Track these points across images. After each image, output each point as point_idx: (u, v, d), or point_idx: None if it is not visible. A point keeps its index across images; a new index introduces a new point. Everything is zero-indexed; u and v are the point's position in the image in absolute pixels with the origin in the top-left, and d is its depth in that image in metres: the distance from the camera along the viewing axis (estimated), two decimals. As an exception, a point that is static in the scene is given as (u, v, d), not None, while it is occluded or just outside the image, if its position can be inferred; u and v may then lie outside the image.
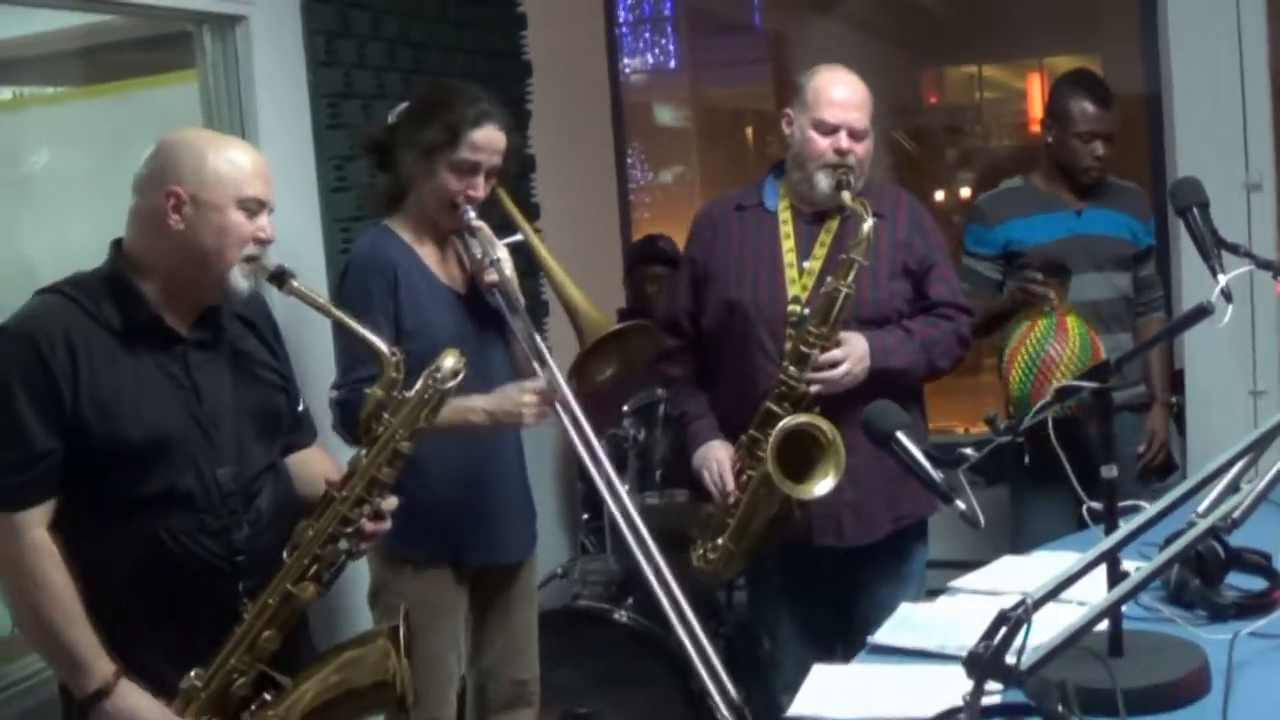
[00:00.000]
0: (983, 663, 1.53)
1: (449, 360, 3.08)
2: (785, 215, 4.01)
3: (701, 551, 4.00)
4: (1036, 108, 7.43)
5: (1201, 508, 1.65)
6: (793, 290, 3.92)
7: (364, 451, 3.01)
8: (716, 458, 3.97)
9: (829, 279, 3.80)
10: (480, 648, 3.89)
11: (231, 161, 2.93)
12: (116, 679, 2.80)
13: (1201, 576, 3.05)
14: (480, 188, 3.67)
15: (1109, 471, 2.77)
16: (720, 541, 3.96)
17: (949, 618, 3.15)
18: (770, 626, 4.17)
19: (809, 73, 4.03)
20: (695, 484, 4.14)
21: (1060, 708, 2.41)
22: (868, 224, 3.78)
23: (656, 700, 4.53)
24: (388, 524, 3.05)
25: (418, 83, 4.67)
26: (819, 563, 4.06)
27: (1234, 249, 3.30)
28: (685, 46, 7.22)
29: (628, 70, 6.72)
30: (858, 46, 7.53)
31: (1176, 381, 5.38)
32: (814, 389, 3.81)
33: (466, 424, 3.51)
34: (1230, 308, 2.90)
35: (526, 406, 3.53)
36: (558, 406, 3.60)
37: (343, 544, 2.98)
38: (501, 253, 3.68)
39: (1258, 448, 1.69)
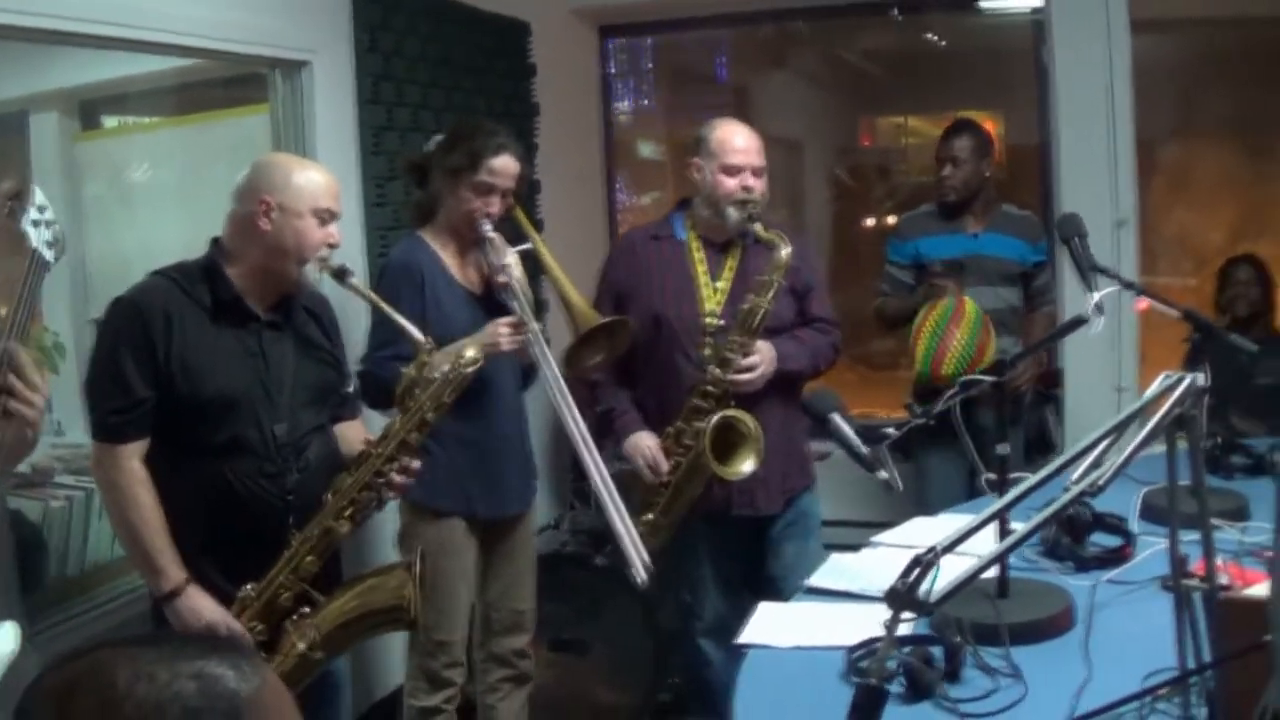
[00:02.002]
0: (900, 596, 1.60)
1: (470, 351, 3.18)
2: (696, 244, 4.03)
3: None
4: (950, 150, 7.53)
5: (1074, 477, 1.73)
6: (708, 305, 3.95)
7: (397, 420, 3.11)
8: (648, 444, 3.98)
9: (750, 296, 3.85)
10: (487, 583, 3.92)
11: (311, 180, 3.07)
12: (186, 584, 2.92)
13: (1071, 535, 3.13)
14: (496, 205, 3.69)
15: (1003, 449, 2.85)
16: (650, 516, 3.97)
17: (870, 566, 3.21)
18: (692, 582, 4.17)
19: (708, 127, 4.03)
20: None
21: (957, 637, 2.51)
22: (785, 251, 3.83)
23: (626, 629, 4.57)
24: (411, 480, 3.14)
25: (445, 119, 4.70)
26: (735, 529, 4.10)
27: (1106, 271, 3.40)
28: (662, 94, 7.25)
29: (615, 112, 6.75)
30: (806, 97, 7.60)
31: (1057, 378, 5.47)
32: (735, 388, 3.87)
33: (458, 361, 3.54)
34: (1102, 319, 3.00)
35: (502, 335, 3.55)
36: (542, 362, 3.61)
37: (373, 493, 3.08)
38: (512, 259, 3.69)
39: (1117, 431, 1.77)
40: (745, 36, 7.34)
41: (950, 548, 1.62)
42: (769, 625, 2.86)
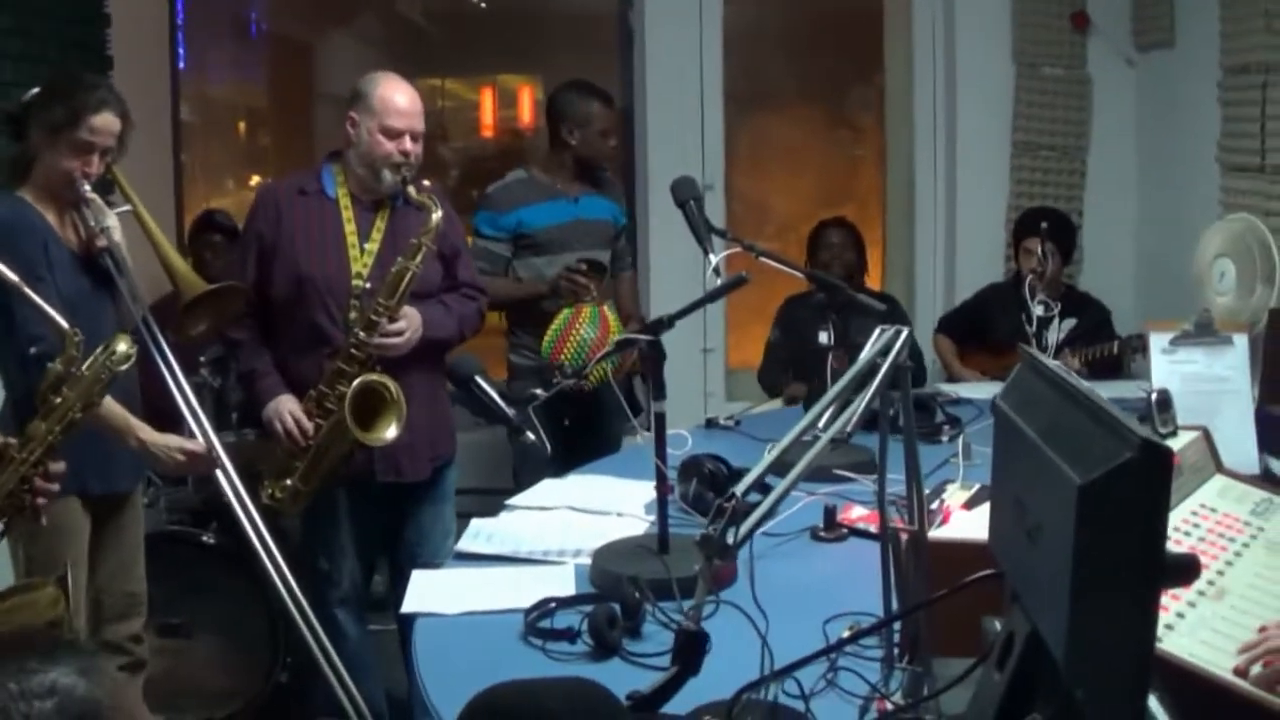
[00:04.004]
0: (714, 542, 1.64)
1: (122, 345, 2.96)
2: (345, 202, 3.95)
3: (270, 491, 3.93)
4: (488, 115, 7.59)
5: (820, 424, 1.82)
6: (355, 268, 3.90)
7: (40, 420, 2.89)
8: (290, 409, 3.89)
9: (399, 259, 3.81)
10: (95, 566, 3.69)
11: None
12: None
13: (714, 490, 3.25)
14: (95, 165, 3.49)
15: (660, 406, 2.93)
16: (289, 482, 3.91)
17: (514, 529, 3.26)
18: (329, 548, 4.09)
19: (370, 80, 3.95)
20: (266, 430, 4.03)
21: (636, 594, 2.58)
22: (436, 215, 3.80)
23: (239, 609, 4.45)
24: (57, 487, 2.94)
25: (23, 69, 4.42)
26: (376, 495, 4.06)
27: (723, 234, 3.56)
28: (191, 47, 6.93)
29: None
30: (354, 55, 7.49)
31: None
32: (380, 352, 3.83)
33: (120, 437, 3.44)
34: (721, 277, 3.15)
35: (177, 460, 3.48)
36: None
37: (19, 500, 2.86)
38: (111, 221, 3.53)
39: (853, 389, 1.86)
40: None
41: (747, 491, 1.68)
42: (429, 593, 2.86)
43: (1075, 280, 5.76)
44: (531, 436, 2.94)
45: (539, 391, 2.97)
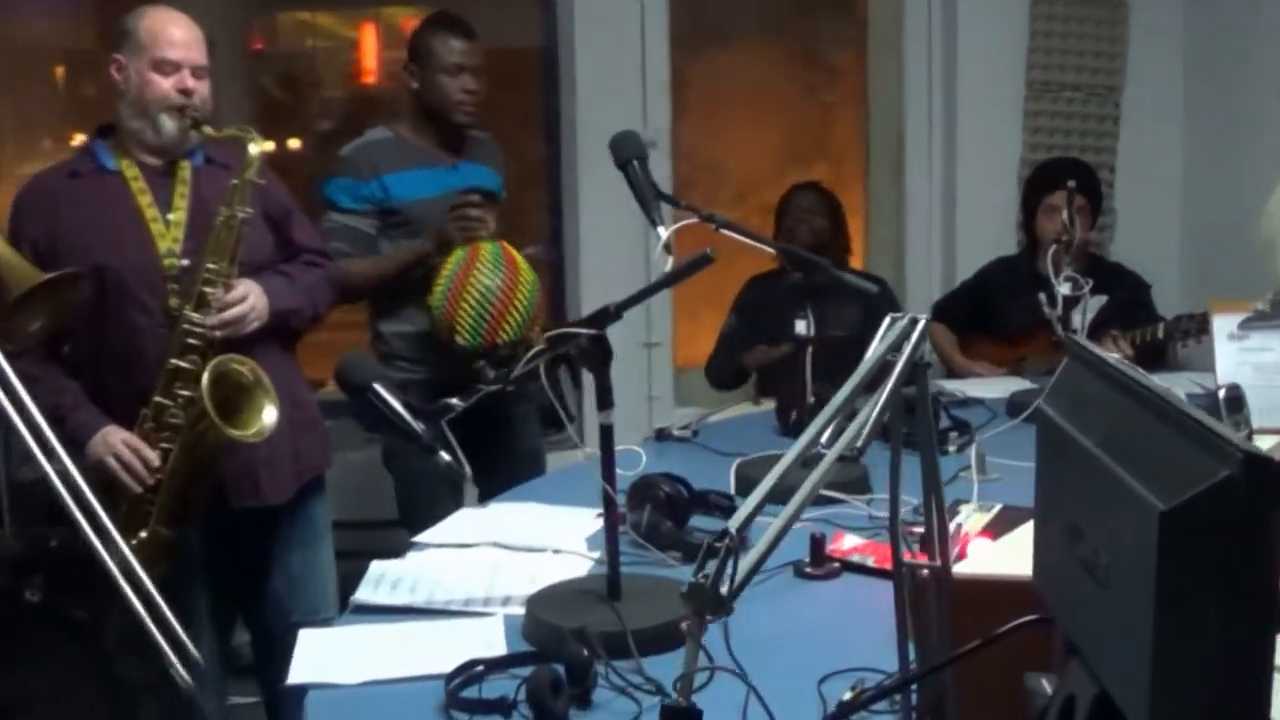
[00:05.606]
0: (703, 594, 1.59)
1: None
2: (133, 172, 3.89)
3: None
4: (370, 58, 7.52)
5: (824, 439, 1.76)
6: (164, 245, 3.83)
7: None
8: (122, 439, 3.77)
9: (222, 208, 3.76)
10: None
11: None
12: None
13: (673, 518, 3.20)
14: None
15: (606, 417, 2.87)
16: (144, 534, 3.78)
17: (426, 573, 3.19)
18: (185, 610, 3.95)
19: (134, 15, 3.91)
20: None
21: (584, 651, 2.52)
22: (256, 147, 3.78)
23: (73, 685, 4.36)
24: None
25: None
26: (231, 537, 3.99)
27: (674, 202, 3.49)
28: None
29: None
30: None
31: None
32: (224, 332, 3.75)
33: None
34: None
35: None
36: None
37: None
38: None
39: (854, 399, 1.80)
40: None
41: (744, 526, 1.61)
42: (319, 658, 2.77)
43: (1105, 249, 5.74)
44: (446, 457, 2.87)
45: (455, 401, 2.89)
